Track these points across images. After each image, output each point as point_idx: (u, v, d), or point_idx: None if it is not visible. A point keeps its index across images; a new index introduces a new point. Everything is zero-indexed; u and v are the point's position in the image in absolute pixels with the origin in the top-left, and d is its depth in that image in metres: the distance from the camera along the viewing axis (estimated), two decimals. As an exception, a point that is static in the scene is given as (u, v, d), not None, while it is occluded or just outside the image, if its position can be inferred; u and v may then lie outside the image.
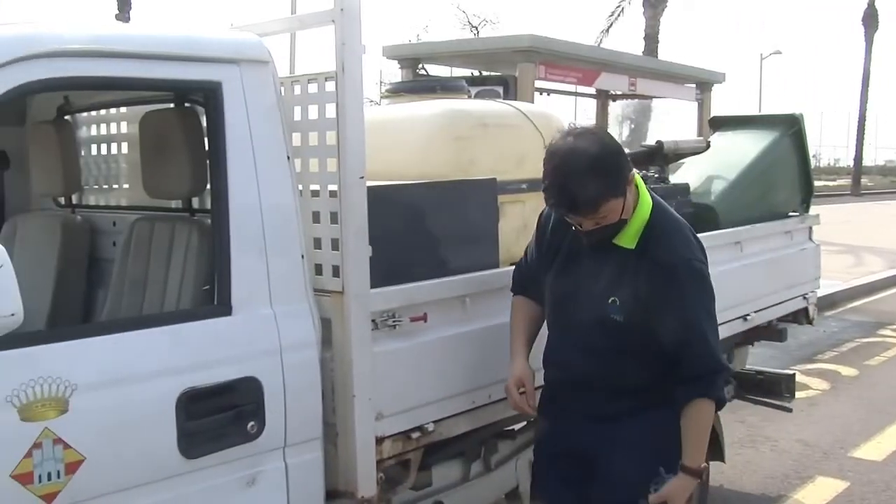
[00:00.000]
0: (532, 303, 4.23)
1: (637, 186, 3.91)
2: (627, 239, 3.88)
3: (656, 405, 3.93)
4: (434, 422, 4.10)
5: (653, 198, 3.97)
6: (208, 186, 3.72)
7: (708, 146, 7.25)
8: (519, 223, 4.91)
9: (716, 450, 5.77)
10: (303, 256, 3.61)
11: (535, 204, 4.41)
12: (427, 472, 4.33)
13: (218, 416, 3.37)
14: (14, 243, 4.69)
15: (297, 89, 3.87)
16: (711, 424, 4.04)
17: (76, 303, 4.66)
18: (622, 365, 3.92)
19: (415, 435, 4.05)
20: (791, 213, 7.23)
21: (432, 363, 4.03)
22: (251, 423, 3.42)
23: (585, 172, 3.65)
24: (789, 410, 7.38)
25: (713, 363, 3.90)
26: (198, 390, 3.29)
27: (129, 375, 3.19)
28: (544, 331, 4.24)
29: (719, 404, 3.97)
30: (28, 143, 4.86)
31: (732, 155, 7.10)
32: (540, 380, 4.25)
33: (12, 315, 2.71)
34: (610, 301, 3.86)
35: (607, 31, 37.74)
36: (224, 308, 3.47)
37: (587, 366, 3.98)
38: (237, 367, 3.41)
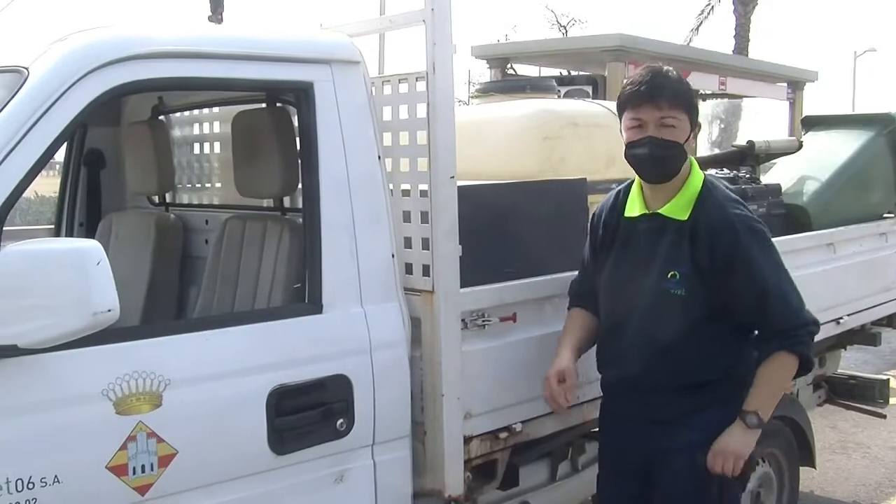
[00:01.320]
0: (587, 313, 4.06)
1: (690, 161, 3.84)
2: (679, 209, 3.76)
3: (722, 402, 3.72)
4: (522, 422, 4.09)
5: (707, 177, 3.89)
6: (300, 186, 3.75)
7: (800, 146, 7.14)
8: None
9: (806, 455, 5.69)
10: (393, 255, 3.63)
11: (625, 204, 4.38)
12: (514, 473, 4.32)
13: (308, 413, 3.39)
14: (109, 241, 4.77)
15: (388, 89, 3.88)
16: (789, 381, 3.91)
17: (169, 299, 4.74)
18: (685, 351, 3.70)
19: (502, 435, 4.04)
20: (886, 215, 7.07)
21: (521, 363, 4.02)
22: (340, 421, 3.44)
23: (677, 77, 3.80)
24: (883, 417, 7.22)
25: (796, 317, 3.69)
26: (288, 387, 3.32)
27: (222, 371, 3.23)
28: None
29: (804, 363, 3.72)
30: (123, 142, 4.95)
31: (825, 155, 6.97)
32: (591, 384, 4.19)
33: (109, 311, 2.73)
34: (669, 276, 3.71)
35: (697, 29, 37.35)
36: (315, 306, 3.48)
37: (647, 358, 3.75)
38: (327, 365, 3.43)
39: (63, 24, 3.28)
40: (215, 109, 4.99)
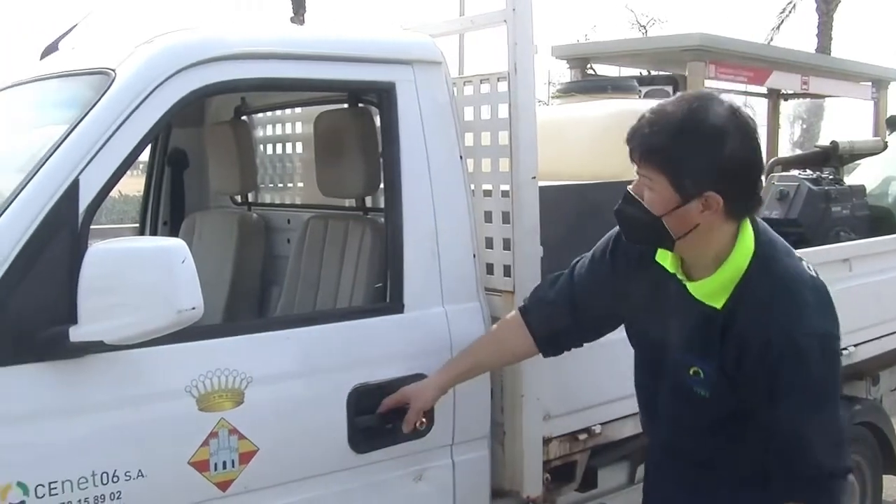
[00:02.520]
0: (522, 333, 3.46)
1: (742, 229, 2.93)
2: (713, 294, 2.94)
3: (754, 487, 3.05)
4: (601, 424, 4.07)
5: (761, 245, 2.94)
6: (381, 185, 3.76)
7: (885, 146, 7.04)
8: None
9: (890, 463, 5.59)
10: (474, 256, 3.62)
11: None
12: (593, 475, 4.30)
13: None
14: (193, 240, 4.83)
15: (470, 90, 3.88)
16: None
17: (251, 298, 4.79)
18: (712, 441, 3.10)
19: (582, 437, 4.02)
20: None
21: (602, 365, 3.99)
22: (420, 420, 3.45)
23: (675, 124, 2.82)
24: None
25: (817, 466, 2.87)
26: (369, 386, 3.33)
27: (303, 370, 3.25)
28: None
29: None
30: (206, 143, 5.00)
31: (911, 156, 6.87)
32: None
33: (193, 308, 2.73)
34: (692, 372, 3.01)
35: (778, 28, 36.96)
36: (396, 306, 3.49)
37: (671, 435, 3.25)
38: (408, 364, 3.43)
39: (149, 25, 3.31)
40: (297, 110, 5.03)
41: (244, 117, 5.01)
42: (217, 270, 4.71)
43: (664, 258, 3.06)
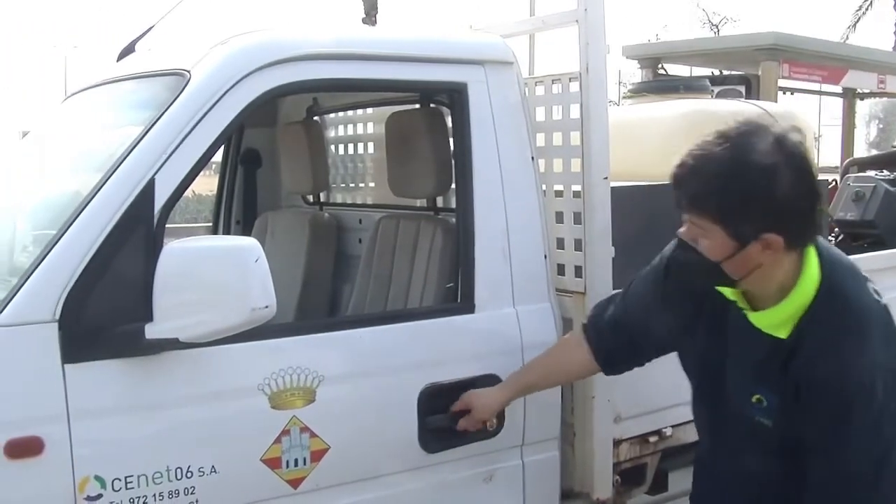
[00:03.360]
0: (583, 350, 3.40)
1: (806, 256, 2.81)
2: (778, 326, 2.81)
3: None
4: (672, 426, 4.04)
5: (826, 271, 2.81)
6: (453, 186, 3.77)
7: (964, 147, 6.91)
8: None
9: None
10: (546, 256, 3.61)
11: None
12: (663, 478, 4.27)
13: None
14: (265, 239, 4.87)
15: (541, 90, 3.88)
16: None
17: (323, 296, 4.81)
18: (766, 474, 3.00)
19: (652, 439, 4.00)
20: None
21: (672, 367, 3.96)
22: (491, 421, 3.45)
23: (715, 175, 2.70)
24: None
25: None
26: (440, 386, 3.36)
27: (374, 369, 3.29)
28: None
29: None
30: (279, 143, 5.04)
31: None
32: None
33: (266, 307, 2.76)
34: (755, 400, 2.89)
35: (854, 26, 36.56)
36: (467, 305, 3.49)
37: (733, 460, 3.10)
38: (479, 365, 3.45)
39: (224, 27, 3.34)
40: (369, 110, 5.05)
41: (316, 118, 5.04)
42: (289, 269, 4.74)
43: (725, 288, 2.93)
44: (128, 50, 4.11)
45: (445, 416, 3.37)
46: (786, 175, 2.65)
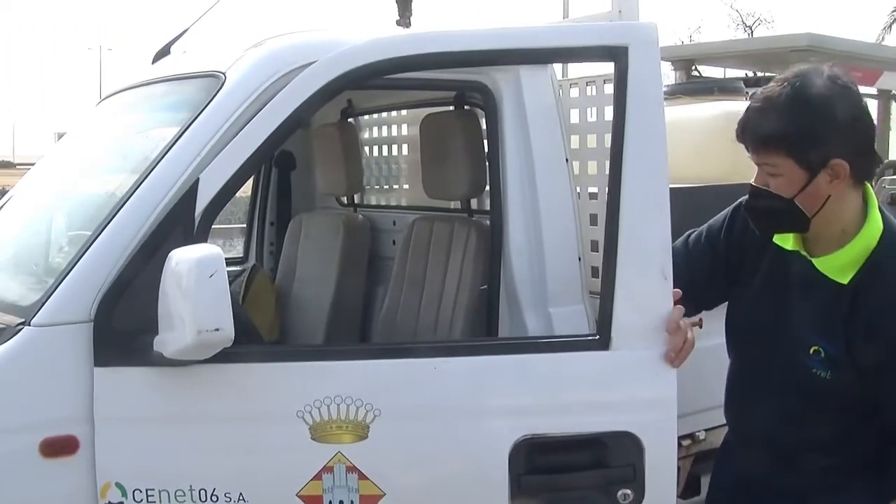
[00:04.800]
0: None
1: (867, 201, 2.98)
2: (841, 269, 2.91)
3: (853, 487, 3.03)
4: (706, 430, 4.02)
5: (890, 224, 2.95)
6: (487, 187, 3.76)
7: None
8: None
9: None
10: (580, 259, 3.59)
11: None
12: (696, 482, 4.25)
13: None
14: (299, 240, 4.89)
15: (575, 92, 3.86)
16: None
17: (356, 298, 4.81)
18: (818, 432, 3.01)
19: (685, 442, 3.97)
20: None
21: (705, 370, 3.95)
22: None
23: (784, 103, 2.87)
24: None
25: None
26: (543, 439, 2.89)
27: (450, 407, 2.90)
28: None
29: None
30: (313, 144, 5.05)
31: None
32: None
33: (217, 330, 2.54)
34: (812, 351, 2.92)
35: (889, 27, 36.32)
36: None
37: (769, 424, 3.13)
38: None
39: (258, 29, 3.35)
40: (403, 112, 5.05)
41: (350, 119, 5.05)
42: (323, 270, 4.76)
43: (784, 239, 3.07)
44: (163, 52, 4.13)
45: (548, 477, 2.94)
46: (843, 104, 2.86)
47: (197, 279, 2.52)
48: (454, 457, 2.88)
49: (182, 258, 2.58)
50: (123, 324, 2.70)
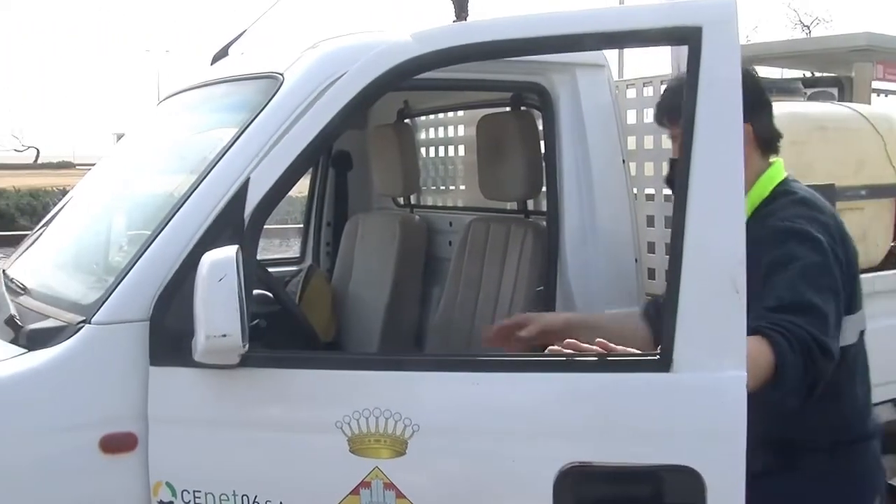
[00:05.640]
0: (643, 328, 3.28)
1: (774, 166, 3.11)
2: None
3: (790, 467, 2.95)
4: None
5: (789, 181, 3.09)
6: (544, 188, 3.76)
7: None
8: (858, 231, 4.70)
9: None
10: (636, 260, 3.58)
11: (875, 211, 4.24)
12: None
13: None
14: (356, 241, 4.91)
15: (632, 93, 3.85)
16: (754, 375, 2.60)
17: (412, 299, 4.82)
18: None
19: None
20: None
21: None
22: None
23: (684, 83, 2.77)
24: None
25: (799, 299, 2.75)
26: (591, 469, 2.60)
27: (493, 428, 2.65)
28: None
29: (782, 367, 2.65)
30: (370, 145, 5.07)
31: None
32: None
33: (224, 336, 2.50)
34: None
35: (952, 28, 35.78)
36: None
37: None
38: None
39: (315, 31, 3.36)
40: (460, 113, 5.06)
41: (407, 120, 5.06)
42: (379, 271, 4.77)
43: None
44: (221, 54, 4.16)
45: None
46: (746, 78, 2.72)
47: (207, 283, 2.52)
48: (495, 480, 2.65)
49: (203, 261, 2.57)
50: (177, 324, 2.68)
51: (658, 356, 2.58)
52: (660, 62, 3.67)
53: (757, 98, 3.07)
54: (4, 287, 3.26)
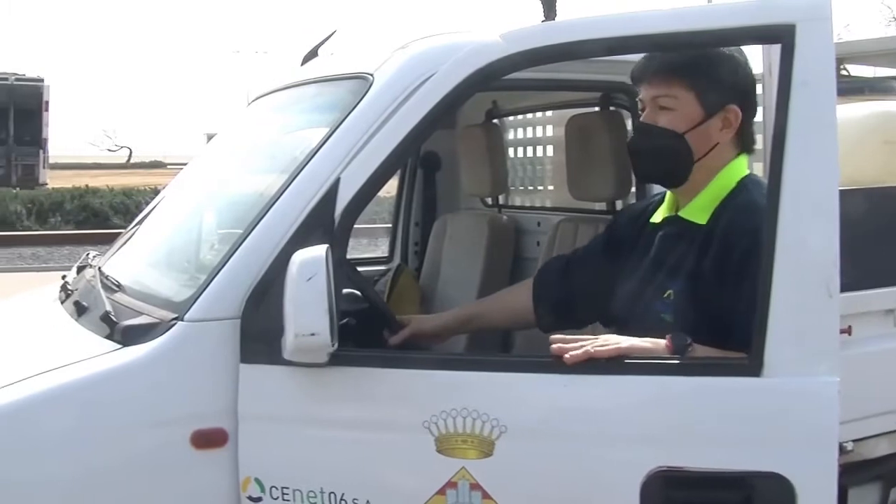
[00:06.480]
0: (525, 295, 3.39)
1: (738, 159, 3.01)
2: (698, 210, 2.94)
3: None
4: (854, 441, 3.91)
5: (752, 177, 3.01)
6: (633, 189, 3.74)
7: None
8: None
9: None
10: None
11: (974, 214, 4.13)
12: (843, 494, 4.12)
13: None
14: (444, 241, 4.92)
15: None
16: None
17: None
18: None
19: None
20: None
21: (855, 379, 3.83)
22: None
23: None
24: None
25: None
26: (682, 473, 2.58)
27: (580, 431, 2.64)
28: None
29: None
30: (458, 145, 5.07)
31: None
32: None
33: (312, 335, 2.54)
34: (665, 295, 2.89)
35: None
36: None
37: None
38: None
39: (405, 31, 3.37)
40: (548, 113, 5.05)
41: (495, 120, 5.06)
42: (467, 272, 4.78)
43: (658, 213, 3.11)
44: (311, 54, 4.19)
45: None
46: (745, 68, 2.97)
47: (296, 282, 2.56)
48: (581, 483, 2.64)
49: (292, 260, 2.61)
50: (267, 322, 2.70)
51: (747, 360, 2.56)
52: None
53: (753, 89, 3.04)
54: (100, 284, 3.31)
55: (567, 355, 2.60)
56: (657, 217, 3.12)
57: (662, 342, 2.65)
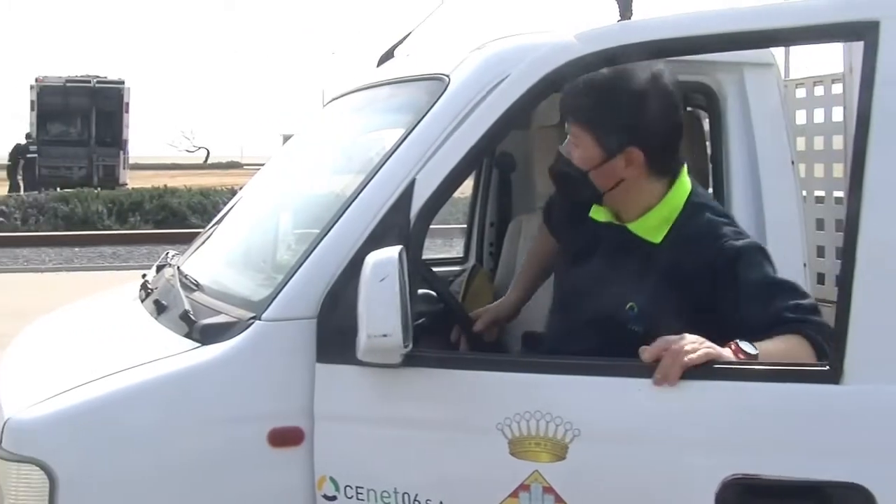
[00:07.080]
0: (546, 237, 3.64)
1: (678, 181, 3.04)
2: (652, 229, 2.99)
3: None
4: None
5: (698, 192, 3.07)
6: (710, 189, 3.71)
7: None
8: None
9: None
10: (805, 265, 3.49)
11: None
12: None
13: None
14: (519, 241, 4.90)
15: (802, 92, 3.78)
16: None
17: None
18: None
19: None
20: None
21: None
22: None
23: (600, 81, 2.96)
24: None
25: (795, 305, 2.79)
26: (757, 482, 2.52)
27: (655, 436, 2.60)
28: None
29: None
30: (533, 146, 5.05)
31: None
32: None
33: (384, 336, 2.54)
34: (628, 307, 2.91)
35: None
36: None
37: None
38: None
39: (480, 32, 3.38)
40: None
41: (571, 121, 5.04)
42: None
43: (598, 212, 3.17)
44: (387, 55, 4.20)
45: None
46: (655, 103, 2.95)
47: (369, 283, 2.57)
48: (655, 489, 2.59)
49: (366, 261, 2.62)
50: (343, 322, 2.71)
51: (828, 367, 2.49)
52: (832, 61, 3.59)
53: (664, 127, 3.01)
54: (179, 283, 3.35)
55: (662, 375, 2.56)
56: (598, 215, 3.18)
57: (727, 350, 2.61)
